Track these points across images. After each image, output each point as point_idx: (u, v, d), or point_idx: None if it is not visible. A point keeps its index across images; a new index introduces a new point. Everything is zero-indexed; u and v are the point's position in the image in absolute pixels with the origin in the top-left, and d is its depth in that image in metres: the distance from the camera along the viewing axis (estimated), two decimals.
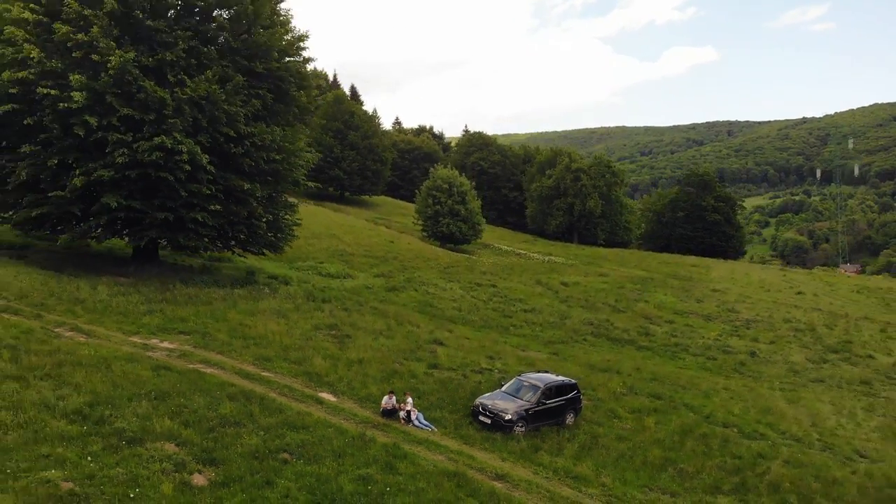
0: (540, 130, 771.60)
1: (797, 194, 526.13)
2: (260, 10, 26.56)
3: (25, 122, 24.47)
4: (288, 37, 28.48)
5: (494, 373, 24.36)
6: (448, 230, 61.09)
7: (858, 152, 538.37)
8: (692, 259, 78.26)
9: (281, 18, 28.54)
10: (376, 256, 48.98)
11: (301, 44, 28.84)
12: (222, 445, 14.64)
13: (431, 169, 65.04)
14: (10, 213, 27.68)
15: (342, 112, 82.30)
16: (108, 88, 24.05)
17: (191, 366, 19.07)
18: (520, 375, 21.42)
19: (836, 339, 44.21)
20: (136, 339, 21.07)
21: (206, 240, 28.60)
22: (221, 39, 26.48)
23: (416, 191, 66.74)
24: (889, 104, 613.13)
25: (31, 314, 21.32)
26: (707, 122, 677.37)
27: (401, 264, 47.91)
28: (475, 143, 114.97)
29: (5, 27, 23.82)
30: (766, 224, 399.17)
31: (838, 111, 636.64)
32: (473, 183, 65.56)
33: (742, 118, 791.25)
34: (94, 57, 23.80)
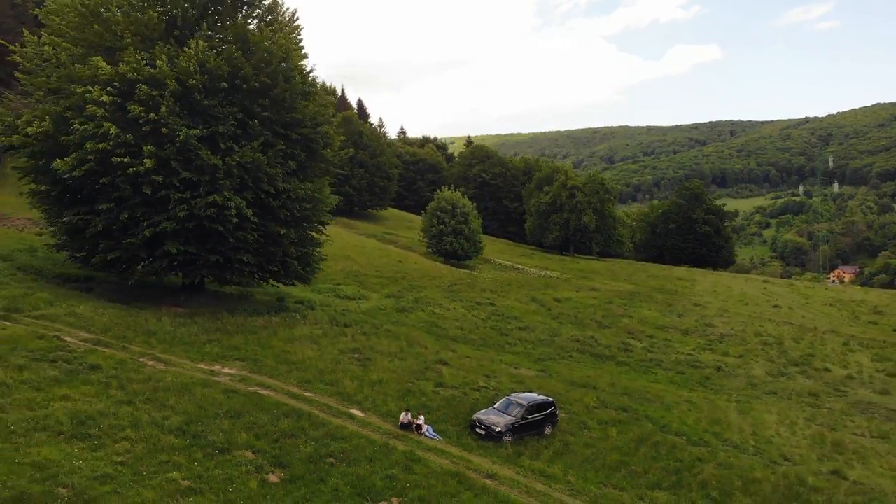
0: (543, 130, 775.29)
1: (798, 195, 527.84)
2: (295, 88, 31.94)
3: (102, 181, 29.88)
4: (316, 107, 33.86)
5: (490, 390, 29.70)
6: (451, 248, 66.37)
7: (860, 152, 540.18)
8: (680, 271, 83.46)
9: (312, 88, 33.92)
10: (386, 276, 54.34)
11: (329, 110, 34.26)
12: (285, 452, 19.99)
13: (437, 191, 70.26)
14: (82, 253, 33.05)
15: (352, 132, 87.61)
16: (173, 156, 29.44)
17: (251, 389, 24.44)
18: (509, 395, 26.76)
19: (800, 353, 49.46)
20: (202, 365, 26.44)
21: (248, 276, 34.01)
22: (264, 112, 31.79)
23: (423, 211, 71.95)
24: (891, 104, 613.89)
25: (118, 346, 26.71)
26: (710, 122, 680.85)
27: (409, 284, 53.27)
28: (477, 155, 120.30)
29: (88, 106, 29.17)
30: (767, 225, 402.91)
31: (841, 111, 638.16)
32: (474, 204, 70.68)
33: (745, 118, 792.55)
34: (164, 130, 29.16)
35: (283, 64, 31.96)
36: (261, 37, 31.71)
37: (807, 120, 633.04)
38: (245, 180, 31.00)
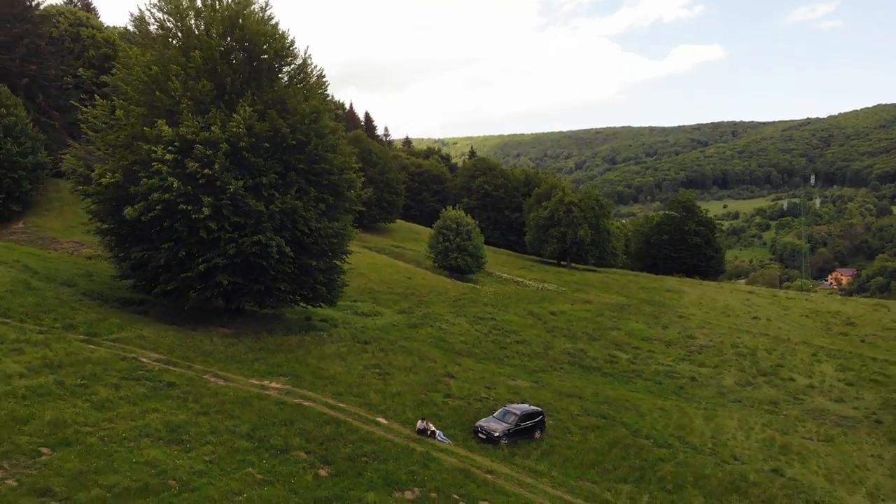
0: (546, 131, 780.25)
1: (798, 196, 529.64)
2: (325, 143, 37.78)
3: (165, 224, 35.72)
4: (343, 157, 39.70)
5: (490, 401, 35.48)
6: (456, 263, 72.15)
7: (861, 154, 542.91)
8: (671, 282, 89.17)
9: (340, 142, 39.80)
10: (397, 292, 60.13)
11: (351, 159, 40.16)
12: (330, 453, 25.75)
13: (443, 210, 75.96)
14: (144, 282, 38.90)
15: (361, 151, 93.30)
16: (225, 204, 35.26)
17: (296, 401, 30.23)
18: (505, 406, 32.54)
19: (771, 363, 55.14)
20: (253, 381, 32.23)
21: (283, 300, 39.85)
22: (300, 165, 37.56)
23: (432, 226, 77.67)
24: (892, 105, 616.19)
25: (185, 365, 32.51)
26: (712, 123, 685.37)
27: (418, 299, 59.07)
28: (480, 167, 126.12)
29: (153, 162, 34.95)
30: (767, 227, 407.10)
31: (842, 112, 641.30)
32: (477, 222, 76.31)
33: (747, 118, 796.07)
34: (217, 183, 34.98)
35: (315, 123, 37.71)
36: (296, 101, 37.50)
37: (808, 121, 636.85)
38: (284, 222, 36.81)
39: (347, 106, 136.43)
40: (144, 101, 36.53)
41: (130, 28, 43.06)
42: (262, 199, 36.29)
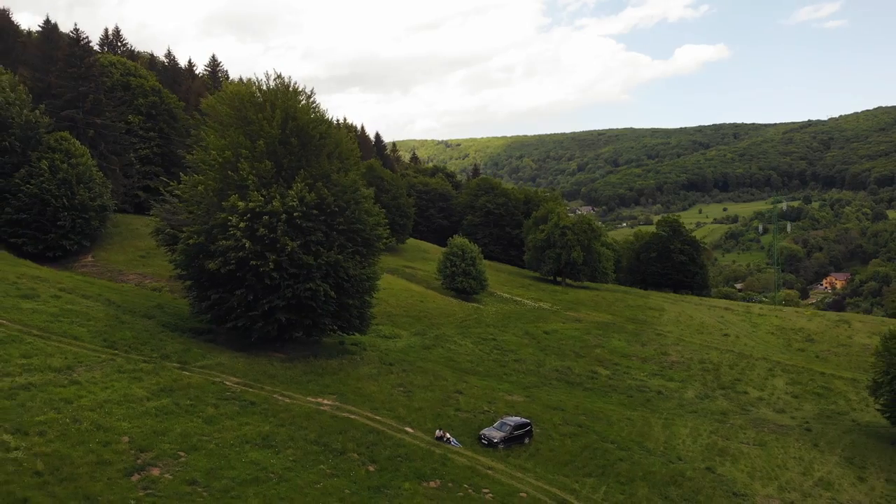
0: (549, 132, 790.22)
1: (799, 198, 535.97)
2: (362, 208, 48.19)
3: (238, 274, 46.09)
4: (375, 218, 50.16)
5: (490, 413, 45.76)
6: (462, 286, 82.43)
7: (860, 157, 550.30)
8: (655, 298, 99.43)
9: (372, 204, 50.31)
10: (412, 315, 70.46)
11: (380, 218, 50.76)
12: (374, 454, 36.01)
13: (450, 238, 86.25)
14: (217, 318, 49.27)
15: (374, 179, 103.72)
16: (284, 260, 45.63)
17: (344, 415, 40.53)
18: (502, 418, 42.82)
19: (731, 378, 65.36)
20: (310, 398, 42.51)
21: (325, 331, 50.26)
22: (341, 226, 47.92)
23: (437, 243, 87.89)
24: (893, 107, 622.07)
25: (257, 387, 42.80)
26: (714, 125, 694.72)
27: (430, 322, 69.41)
28: (483, 187, 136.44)
29: (230, 228, 45.25)
30: (766, 231, 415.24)
31: (843, 114, 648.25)
32: (480, 248, 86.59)
33: (748, 120, 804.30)
34: (278, 245, 45.35)
35: (354, 193, 48.08)
36: (339, 176, 47.87)
37: (809, 123, 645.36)
38: (328, 272, 47.15)
39: (359, 128, 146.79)
40: (220, 178, 46.87)
41: (202, 112, 53.36)
42: (312, 254, 46.60)
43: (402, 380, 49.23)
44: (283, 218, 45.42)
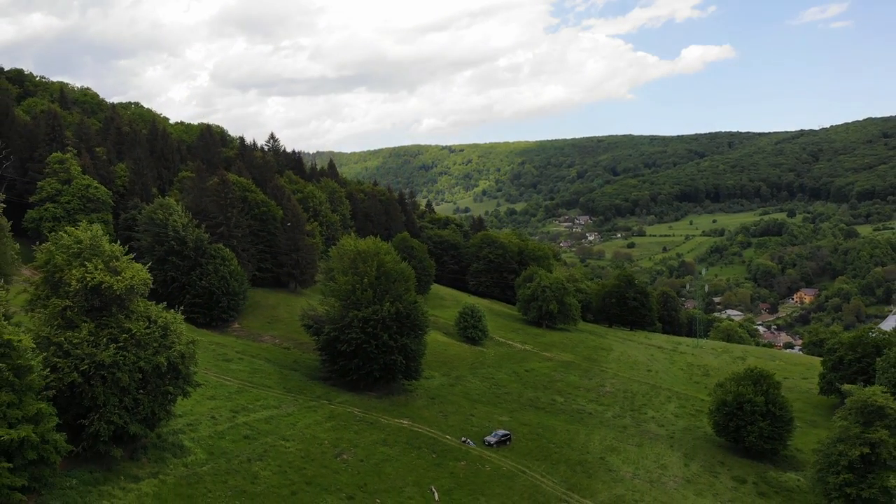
0: (550, 138, 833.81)
1: (785, 209, 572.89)
2: (417, 310, 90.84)
3: (355, 351, 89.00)
4: (424, 317, 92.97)
5: (490, 427, 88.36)
6: (471, 335, 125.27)
7: (846, 170, 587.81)
8: (610, 339, 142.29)
9: (424, 318, 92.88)
10: (440, 360, 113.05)
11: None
12: (434, 448, 78.54)
13: (464, 306, 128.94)
14: (339, 373, 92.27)
15: (406, 247, 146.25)
16: (379, 343, 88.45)
17: (415, 429, 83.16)
18: (496, 430, 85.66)
19: (640, 403, 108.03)
20: (395, 419, 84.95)
21: (396, 378, 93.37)
22: (407, 322, 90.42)
23: (455, 305, 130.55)
24: (882, 119, 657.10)
25: (373, 417, 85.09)
26: (709, 133, 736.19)
27: (451, 366, 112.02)
28: (486, 241, 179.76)
29: (353, 328, 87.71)
30: (749, 245, 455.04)
31: (834, 124, 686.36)
32: (482, 311, 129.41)
33: (744, 129, 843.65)
34: (377, 336, 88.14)
35: (413, 305, 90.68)
36: (406, 295, 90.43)
37: (801, 133, 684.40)
38: (400, 348, 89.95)
39: (389, 190, 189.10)
40: (345, 297, 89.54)
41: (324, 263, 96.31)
42: (393, 339, 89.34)
43: (441, 408, 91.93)
44: (380, 321, 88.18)
